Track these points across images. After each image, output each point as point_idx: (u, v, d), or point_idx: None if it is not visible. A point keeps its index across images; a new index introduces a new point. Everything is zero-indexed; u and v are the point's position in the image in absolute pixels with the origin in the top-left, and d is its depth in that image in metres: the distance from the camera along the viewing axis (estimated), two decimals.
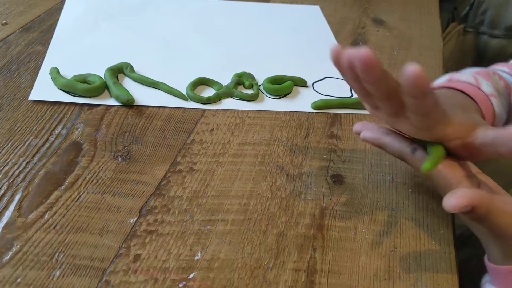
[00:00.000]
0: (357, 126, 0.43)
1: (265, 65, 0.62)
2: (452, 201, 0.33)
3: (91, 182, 0.43)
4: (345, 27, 0.76)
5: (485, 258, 0.39)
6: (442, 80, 0.49)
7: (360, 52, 0.32)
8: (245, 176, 0.45)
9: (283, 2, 0.81)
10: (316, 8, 0.80)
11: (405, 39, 0.74)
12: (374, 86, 0.34)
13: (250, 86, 0.57)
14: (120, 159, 0.45)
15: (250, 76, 0.59)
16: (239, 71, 0.59)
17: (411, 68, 0.31)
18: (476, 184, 0.37)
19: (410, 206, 0.45)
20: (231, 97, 0.56)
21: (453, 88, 0.46)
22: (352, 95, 0.59)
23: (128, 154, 0.46)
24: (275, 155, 0.49)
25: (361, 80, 0.34)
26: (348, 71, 0.34)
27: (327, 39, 0.71)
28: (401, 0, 0.87)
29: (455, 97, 0.45)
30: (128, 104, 0.52)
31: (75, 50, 0.60)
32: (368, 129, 0.42)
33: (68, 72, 0.55)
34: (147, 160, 0.46)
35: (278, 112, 0.55)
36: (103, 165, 0.44)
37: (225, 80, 0.58)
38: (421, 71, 0.31)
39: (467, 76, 0.47)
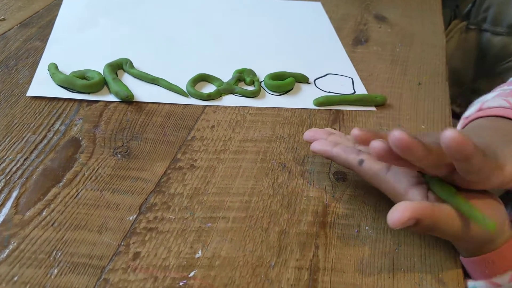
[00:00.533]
0: (307, 134, 0.45)
1: (266, 62, 0.61)
2: (395, 215, 0.33)
3: (90, 179, 0.42)
4: (347, 24, 0.75)
5: (462, 259, 0.40)
6: (472, 111, 0.48)
7: (394, 137, 0.31)
8: (246, 173, 0.45)
9: None
10: (318, 5, 0.79)
11: (408, 35, 0.73)
12: (419, 163, 0.33)
13: (251, 83, 0.57)
14: (119, 155, 0.45)
15: (251, 73, 0.58)
16: (240, 67, 0.59)
17: (449, 135, 0.30)
18: (424, 193, 0.37)
19: None
20: (232, 93, 0.55)
21: (488, 116, 0.45)
22: (354, 92, 0.58)
23: (127, 151, 0.45)
24: (277, 152, 0.48)
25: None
26: (387, 156, 0.33)
27: (329, 36, 0.70)
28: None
29: (497, 128, 0.43)
30: (128, 100, 0.51)
31: (73, 45, 0.59)
32: (317, 139, 0.44)
33: (67, 68, 0.54)
34: (146, 157, 0.45)
35: (279, 109, 0.54)
36: (102, 162, 0.44)
37: (226, 76, 0.57)
38: (459, 136, 0.30)
39: (498, 100, 0.46)
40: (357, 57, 0.66)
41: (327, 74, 0.61)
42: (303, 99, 0.56)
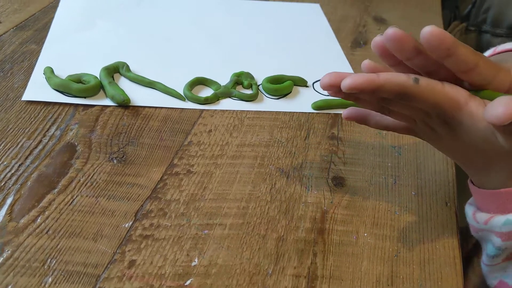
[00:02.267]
0: (327, 79, 0.35)
1: (264, 65, 0.61)
2: (500, 109, 0.28)
3: (85, 185, 0.41)
4: (345, 26, 0.74)
5: (470, 184, 0.38)
6: (486, 53, 0.46)
7: (388, 31, 0.32)
8: (243, 179, 0.44)
9: (282, 0, 0.80)
10: (316, 6, 0.79)
11: None
12: (412, 61, 0.33)
13: (249, 86, 0.56)
14: (115, 161, 0.44)
15: (249, 76, 0.57)
16: (237, 70, 0.58)
17: (427, 30, 0.30)
18: (483, 103, 0.33)
19: (413, 209, 0.43)
20: (230, 97, 0.55)
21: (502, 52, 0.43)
22: None
23: (123, 156, 0.45)
24: (275, 157, 0.47)
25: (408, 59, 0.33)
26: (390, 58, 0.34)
27: (327, 38, 0.70)
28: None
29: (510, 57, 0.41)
30: (124, 104, 0.51)
31: (70, 49, 0.59)
32: (338, 82, 0.34)
33: (63, 72, 0.54)
34: (143, 162, 0.44)
35: (277, 113, 0.54)
36: (97, 168, 0.43)
37: (224, 79, 0.57)
38: (437, 29, 0.30)
39: (509, 44, 0.44)
40: (356, 60, 0.65)
41: None
42: (302, 102, 0.56)
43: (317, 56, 0.65)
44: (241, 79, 0.57)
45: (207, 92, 0.55)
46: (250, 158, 0.47)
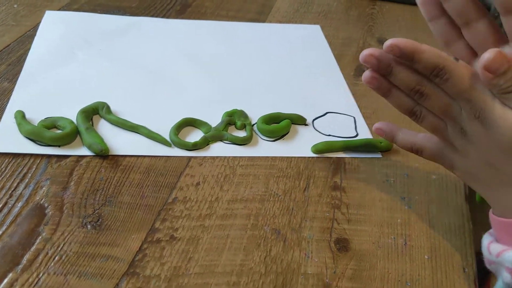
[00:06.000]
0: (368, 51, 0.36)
1: (259, 100, 0.56)
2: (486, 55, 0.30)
3: (53, 259, 0.36)
4: (348, 50, 0.69)
5: (491, 214, 0.36)
6: None
7: None
8: (234, 245, 0.39)
9: (280, 22, 0.75)
10: (317, 28, 0.73)
11: None
12: None
13: (243, 127, 0.51)
14: (89, 226, 0.39)
15: (242, 115, 0.52)
16: (230, 108, 0.53)
17: None
18: None
19: (427, 278, 0.38)
20: (221, 140, 0.49)
21: None
22: (357, 134, 0.53)
23: (98, 220, 0.40)
24: (270, 215, 0.42)
25: None
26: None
27: (328, 66, 0.64)
28: (407, 17, 0.80)
29: None
30: (102, 154, 0.45)
31: (45, 87, 0.53)
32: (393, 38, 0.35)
33: (37, 115, 0.48)
34: (120, 228, 0.39)
35: (273, 158, 0.48)
36: (68, 236, 0.38)
37: (214, 119, 0.51)
38: None
39: None
40: (360, 91, 0.60)
41: (326, 113, 0.55)
42: (300, 145, 0.50)
43: (318, 88, 0.60)
44: (233, 119, 0.52)
45: (196, 135, 0.50)
46: (242, 218, 0.42)
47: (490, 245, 0.35)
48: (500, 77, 0.30)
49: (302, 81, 0.61)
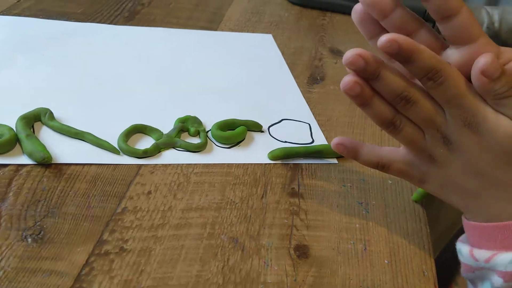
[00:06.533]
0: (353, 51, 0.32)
1: (213, 107, 0.54)
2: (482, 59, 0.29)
3: None
4: (300, 58, 0.69)
5: (470, 221, 0.35)
6: None
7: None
8: (190, 256, 0.37)
9: (232, 30, 0.74)
10: (269, 37, 0.73)
11: None
12: (387, 19, 0.33)
13: (196, 133, 0.49)
14: (29, 239, 0.36)
15: (196, 121, 0.50)
16: (183, 114, 0.51)
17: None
18: None
19: (388, 283, 0.37)
20: (174, 147, 0.47)
21: None
22: (313, 141, 0.52)
23: (40, 233, 0.36)
24: (227, 223, 0.40)
25: None
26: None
27: (282, 74, 0.64)
28: (357, 28, 0.81)
29: None
30: (45, 163, 0.42)
31: None
32: (388, 33, 0.32)
33: None
34: (64, 240, 0.36)
35: (229, 165, 0.47)
36: (7, 250, 0.34)
37: (166, 126, 0.49)
38: None
39: None
40: (314, 98, 0.60)
41: (282, 120, 0.54)
42: (257, 151, 0.49)
43: (272, 95, 0.59)
44: (186, 126, 0.49)
45: (146, 142, 0.47)
46: (198, 227, 0.39)
47: (473, 252, 0.34)
48: (495, 82, 0.29)
49: (256, 89, 0.60)
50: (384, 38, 0.30)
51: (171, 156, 0.46)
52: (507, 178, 0.32)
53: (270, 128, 0.53)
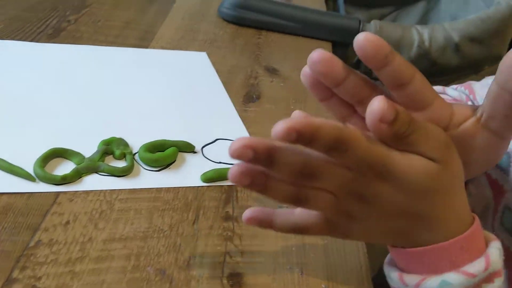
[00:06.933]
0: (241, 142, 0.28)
1: (142, 128, 0.51)
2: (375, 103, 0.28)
3: None
4: (236, 77, 0.67)
5: (396, 248, 0.34)
6: None
7: (314, 53, 0.30)
8: None
9: (164, 48, 0.71)
10: (203, 55, 0.71)
11: (301, 90, 0.67)
12: (339, 88, 0.32)
13: (122, 156, 0.46)
14: None
15: (121, 143, 0.47)
16: (108, 136, 0.47)
17: (362, 36, 0.28)
18: None
19: None
20: (96, 172, 0.44)
21: None
22: None
23: None
24: (154, 253, 0.37)
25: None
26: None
27: (217, 93, 0.62)
28: (293, 47, 0.81)
29: None
30: None
31: None
32: (283, 121, 0.28)
33: None
34: None
35: (158, 190, 0.44)
36: None
37: (90, 149, 0.46)
38: (373, 36, 0.28)
39: None
40: (250, 117, 0.58)
41: (216, 140, 0.52)
42: (189, 174, 0.46)
43: (207, 115, 0.56)
44: (111, 148, 0.46)
45: (66, 167, 0.43)
46: (121, 259, 0.36)
47: (403, 277, 0.34)
48: (394, 124, 0.28)
49: (189, 108, 0.57)
50: (280, 129, 0.26)
51: (93, 182, 0.43)
52: (429, 209, 0.32)
53: (204, 149, 0.50)
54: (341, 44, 0.91)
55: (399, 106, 0.28)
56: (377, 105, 0.27)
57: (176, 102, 0.58)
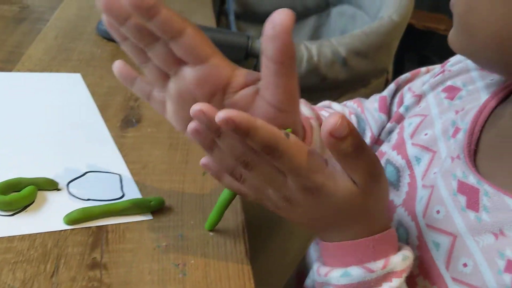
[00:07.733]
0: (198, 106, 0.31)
1: None
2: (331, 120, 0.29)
3: None
4: (114, 100, 0.62)
5: (320, 242, 0.37)
6: None
7: None
8: None
9: (31, 71, 0.64)
10: (77, 77, 0.64)
11: None
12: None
13: None
14: None
15: None
16: None
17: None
18: None
19: None
20: None
21: None
22: (123, 195, 0.45)
23: None
24: None
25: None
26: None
27: (90, 118, 0.56)
28: None
29: None
30: None
31: None
32: (225, 110, 0.30)
33: None
34: None
35: (11, 239, 0.37)
36: None
37: None
38: None
39: None
40: (128, 144, 0.53)
41: (86, 173, 0.46)
42: (49, 216, 0.40)
43: (76, 144, 0.50)
44: None
45: None
46: None
47: (319, 269, 0.37)
48: (342, 141, 0.29)
49: (56, 137, 0.51)
50: (221, 116, 0.29)
51: None
52: (344, 222, 0.35)
53: (70, 185, 0.44)
54: (232, 61, 0.89)
55: (355, 130, 0.29)
56: (333, 118, 0.29)
57: (40, 131, 0.51)
